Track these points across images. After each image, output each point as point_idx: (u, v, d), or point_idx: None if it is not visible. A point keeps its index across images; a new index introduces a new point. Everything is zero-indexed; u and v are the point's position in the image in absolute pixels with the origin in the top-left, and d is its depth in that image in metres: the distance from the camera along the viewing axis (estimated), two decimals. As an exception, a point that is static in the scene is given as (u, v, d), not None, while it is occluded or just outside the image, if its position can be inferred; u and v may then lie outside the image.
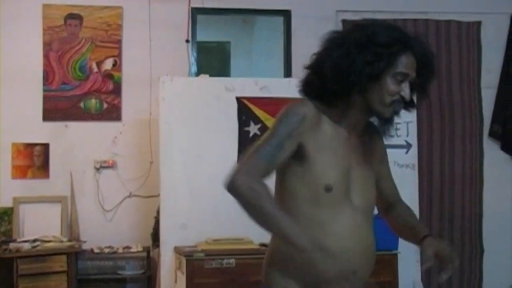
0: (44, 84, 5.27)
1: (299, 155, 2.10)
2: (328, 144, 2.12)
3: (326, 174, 2.10)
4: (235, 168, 2.06)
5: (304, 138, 2.09)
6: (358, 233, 2.13)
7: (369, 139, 2.24)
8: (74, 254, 4.88)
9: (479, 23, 5.79)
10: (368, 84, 2.07)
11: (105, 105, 5.35)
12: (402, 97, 2.10)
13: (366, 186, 2.19)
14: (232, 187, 2.03)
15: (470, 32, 5.77)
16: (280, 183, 2.18)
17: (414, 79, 2.11)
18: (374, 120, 2.18)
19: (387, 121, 2.14)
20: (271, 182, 2.14)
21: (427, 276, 5.37)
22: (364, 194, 2.18)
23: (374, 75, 2.06)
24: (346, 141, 2.16)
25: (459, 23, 5.75)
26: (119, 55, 5.38)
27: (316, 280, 2.11)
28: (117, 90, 5.37)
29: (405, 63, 2.08)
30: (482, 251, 5.64)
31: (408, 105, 2.16)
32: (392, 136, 2.20)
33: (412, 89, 2.12)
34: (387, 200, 2.37)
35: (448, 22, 5.73)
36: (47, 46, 5.29)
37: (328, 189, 2.09)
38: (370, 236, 2.20)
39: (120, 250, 5.02)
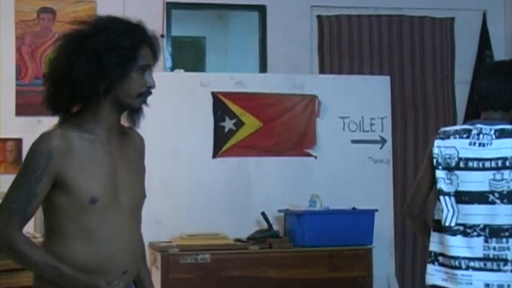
0: (16, 79, 5.21)
1: (58, 182, 2.11)
2: (87, 159, 2.14)
3: (90, 189, 2.12)
4: None
5: (58, 170, 2.10)
6: (126, 235, 2.19)
7: (126, 137, 2.30)
8: (48, 250, 4.84)
9: (452, 19, 5.84)
10: (118, 84, 2.14)
11: (79, 100, 5.31)
12: (149, 87, 2.20)
13: (133, 185, 2.24)
14: None
15: (444, 28, 5.83)
16: (46, 199, 2.16)
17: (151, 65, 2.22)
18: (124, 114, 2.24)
19: (137, 112, 2.22)
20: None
21: (401, 270, 5.42)
22: (131, 194, 2.22)
23: (123, 76, 2.13)
24: (106, 146, 2.18)
25: (432, 19, 5.80)
26: (93, 50, 5.33)
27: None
28: (91, 85, 5.33)
29: (144, 55, 2.17)
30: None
31: None
32: (138, 127, 2.27)
33: None
34: None
35: (422, 18, 5.78)
36: (20, 40, 5.23)
37: (93, 201, 2.11)
38: (136, 235, 2.27)
39: (94, 246, 4.99)
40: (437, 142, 2.88)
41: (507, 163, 2.74)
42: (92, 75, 2.09)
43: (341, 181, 5.01)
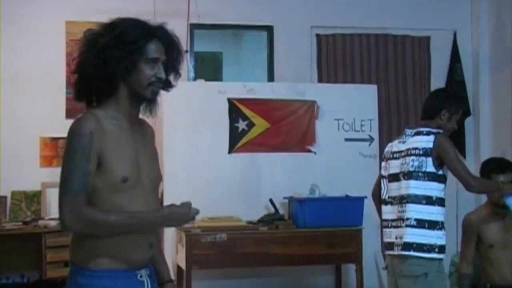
0: (66, 88, 5.29)
1: (98, 162, 2.04)
2: (117, 141, 2.08)
3: (121, 168, 2.07)
4: (60, 210, 2.00)
5: (99, 149, 2.03)
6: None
7: (143, 127, 2.25)
8: (92, 230, 4.90)
9: (428, 38, 5.92)
10: (127, 75, 2.10)
11: (117, 105, 5.37)
12: (159, 78, 2.13)
13: (151, 168, 2.20)
14: (68, 229, 2.02)
15: (421, 45, 5.90)
16: None
17: (166, 61, 2.15)
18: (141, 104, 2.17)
19: (151, 101, 2.16)
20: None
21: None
22: (151, 175, 2.19)
23: (130, 67, 2.09)
24: (129, 131, 2.13)
25: (412, 37, 5.88)
26: (129, 64, 5.39)
27: (123, 255, 2.10)
28: (127, 93, 5.38)
29: (153, 49, 2.10)
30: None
31: (166, 85, 2.20)
32: (155, 116, 2.20)
33: (167, 70, 2.17)
34: None
35: (404, 37, 5.86)
36: (69, 56, 5.31)
37: (124, 180, 2.07)
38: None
39: (131, 226, 5.05)
40: (388, 144, 3.58)
41: (409, 152, 3.32)
42: (98, 68, 2.05)
43: (336, 172, 5.08)
